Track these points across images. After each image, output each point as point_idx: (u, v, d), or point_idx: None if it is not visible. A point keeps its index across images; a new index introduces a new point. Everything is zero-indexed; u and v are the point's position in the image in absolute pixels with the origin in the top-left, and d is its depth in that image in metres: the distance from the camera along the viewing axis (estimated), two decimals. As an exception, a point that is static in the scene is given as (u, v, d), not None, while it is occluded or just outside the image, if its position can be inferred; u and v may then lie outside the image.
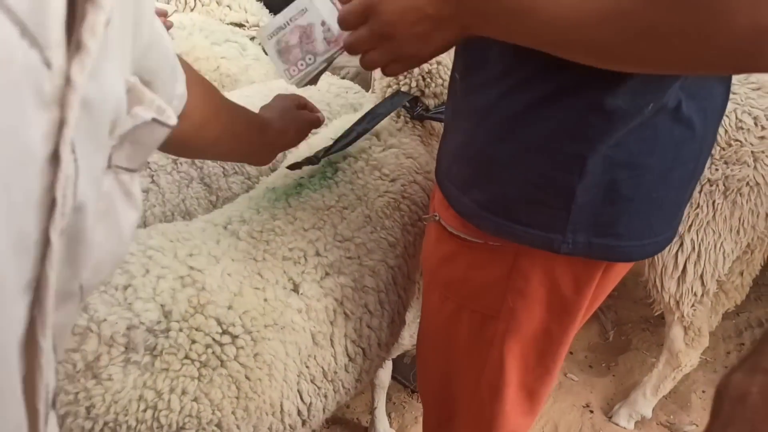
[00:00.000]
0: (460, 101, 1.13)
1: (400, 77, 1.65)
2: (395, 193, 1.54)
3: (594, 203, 0.99)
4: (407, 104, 1.65)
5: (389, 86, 1.68)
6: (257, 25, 2.58)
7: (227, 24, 2.51)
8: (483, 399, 1.29)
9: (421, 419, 2.30)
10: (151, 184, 1.54)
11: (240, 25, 2.56)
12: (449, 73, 1.59)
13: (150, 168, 1.54)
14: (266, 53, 1.18)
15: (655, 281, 1.98)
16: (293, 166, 1.46)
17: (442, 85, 1.63)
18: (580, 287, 1.11)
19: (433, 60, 1.61)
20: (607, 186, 0.98)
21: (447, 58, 1.61)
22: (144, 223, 1.50)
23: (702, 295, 1.92)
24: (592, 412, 2.45)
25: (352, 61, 2.19)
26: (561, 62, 0.87)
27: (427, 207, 1.63)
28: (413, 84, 1.64)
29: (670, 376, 2.20)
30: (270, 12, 2.63)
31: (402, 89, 1.65)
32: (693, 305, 1.95)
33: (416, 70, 1.63)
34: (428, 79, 1.63)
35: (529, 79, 0.95)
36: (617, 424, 2.35)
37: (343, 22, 0.97)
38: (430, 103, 1.65)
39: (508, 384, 1.24)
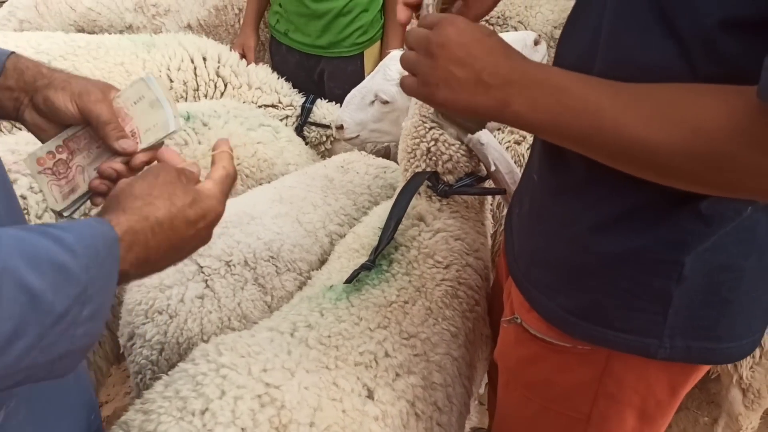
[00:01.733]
0: (537, 204, 1.09)
1: (410, 161, 1.65)
2: (452, 281, 1.51)
3: (692, 307, 0.95)
4: (430, 184, 1.64)
5: (406, 170, 1.68)
6: (291, 105, 2.59)
7: (259, 106, 2.52)
8: None
9: None
10: (206, 289, 1.49)
11: (273, 106, 2.57)
12: (452, 147, 1.59)
13: (203, 273, 1.51)
14: None
15: None
16: (351, 278, 1.42)
17: (450, 160, 1.61)
18: (675, 391, 1.07)
19: (430, 138, 1.60)
20: (705, 289, 0.94)
21: (445, 135, 1.60)
22: (201, 331, 1.45)
23: (760, 357, 1.88)
24: None
25: (383, 137, 2.19)
26: None
27: (482, 288, 1.60)
28: (423, 165, 1.63)
29: None
30: (300, 92, 2.65)
31: (417, 172, 1.64)
32: (751, 367, 1.91)
33: (418, 152, 1.62)
34: (434, 158, 1.62)
35: (617, 188, 0.91)
36: None
37: (414, 32, 0.90)
38: (449, 179, 1.64)
39: None
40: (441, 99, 0.87)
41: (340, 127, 2.17)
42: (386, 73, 2.05)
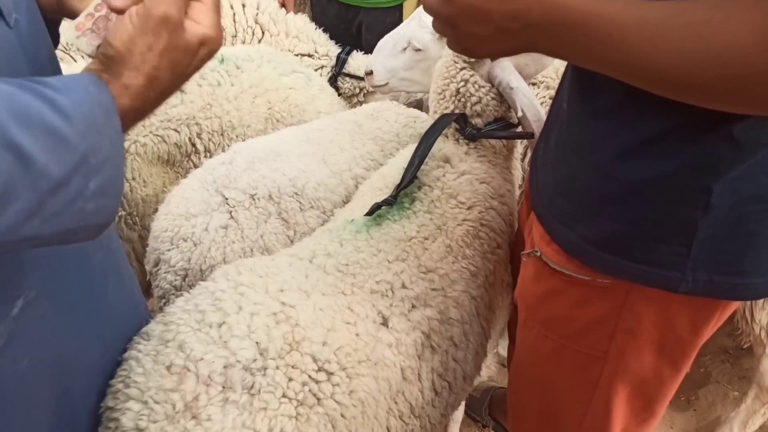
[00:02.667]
0: (565, 132, 1.07)
1: (439, 102, 1.65)
2: (473, 221, 1.51)
3: (717, 239, 0.93)
4: (458, 126, 1.63)
5: (435, 112, 1.68)
6: (327, 55, 2.59)
7: (295, 55, 2.53)
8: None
9: (492, 455, 2.24)
10: (230, 220, 1.52)
11: (309, 56, 2.58)
12: (482, 89, 1.58)
13: (228, 204, 1.53)
14: None
15: (744, 312, 1.88)
16: (372, 211, 1.43)
17: (479, 103, 1.60)
18: (697, 327, 1.05)
19: (460, 79, 1.60)
20: (732, 220, 0.92)
21: (476, 76, 1.59)
22: (224, 260, 1.48)
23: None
24: None
25: (413, 87, 2.18)
26: None
27: (505, 233, 1.59)
28: (451, 106, 1.63)
29: (760, 412, 2.08)
30: (337, 43, 2.65)
31: (444, 113, 1.64)
32: (785, 337, 1.87)
33: (447, 93, 1.62)
34: (462, 99, 1.61)
35: (648, 111, 0.89)
36: None
37: (426, 8, 0.93)
38: (477, 122, 1.63)
39: (613, 428, 1.18)
40: (481, 54, 0.95)
41: (370, 73, 2.16)
42: (421, 20, 2.04)
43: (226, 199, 1.55)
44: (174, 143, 1.93)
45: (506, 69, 1.55)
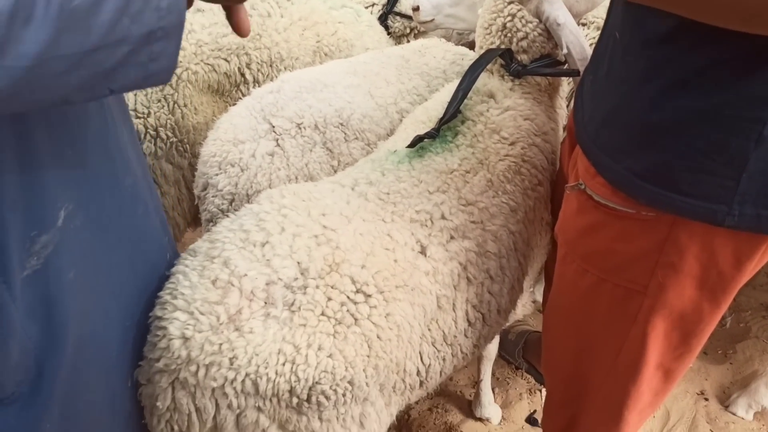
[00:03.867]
0: (617, 62, 1.06)
1: (485, 37, 1.63)
2: (515, 157, 1.51)
3: (767, 172, 0.92)
4: (503, 63, 1.62)
5: (480, 47, 1.67)
6: None
7: None
8: (618, 377, 1.24)
9: (525, 396, 2.29)
10: (276, 147, 1.56)
11: None
12: (528, 24, 1.56)
13: (275, 132, 1.57)
14: None
15: None
16: (415, 143, 1.45)
17: (525, 38, 1.59)
18: (740, 262, 1.04)
19: (507, 14, 1.57)
20: None
21: (524, 11, 1.57)
22: (269, 186, 1.53)
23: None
24: (707, 399, 2.35)
25: (458, 24, 2.15)
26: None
27: (546, 170, 1.59)
28: (497, 41, 1.62)
29: None
30: None
31: (490, 48, 1.62)
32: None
33: (494, 28, 1.60)
34: (509, 35, 1.59)
35: (703, 40, 0.88)
36: (734, 414, 2.25)
37: None
38: (523, 58, 1.62)
39: (648, 363, 1.19)
40: None
41: (416, 9, 2.14)
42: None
43: (273, 126, 1.58)
44: (224, 72, 1.96)
45: (555, 4, 1.52)
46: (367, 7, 2.53)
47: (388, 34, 2.54)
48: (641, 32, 0.98)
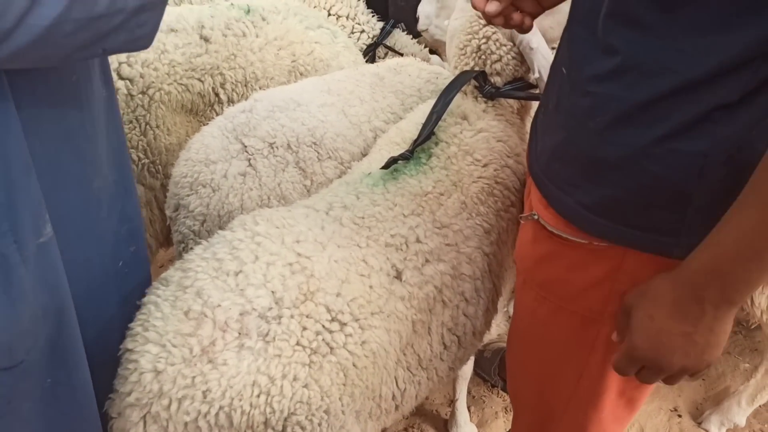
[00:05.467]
0: (565, 97, 1.07)
1: (460, 58, 1.65)
2: (489, 179, 1.52)
3: (712, 205, 0.92)
4: (477, 84, 1.63)
5: (455, 68, 1.68)
6: (368, 23, 2.59)
7: (334, 16, 2.54)
8: (580, 404, 1.24)
9: (501, 414, 2.29)
10: (248, 167, 1.55)
11: (348, 18, 2.58)
12: (503, 47, 1.58)
13: (247, 152, 1.56)
14: None
15: None
16: (389, 164, 1.45)
17: (499, 61, 1.60)
18: None
19: (482, 36, 1.59)
20: (727, 188, 0.91)
21: (498, 33, 1.59)
22: (241, 206, 1.51)
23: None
24: (680, 416, 2.37)
25: (444, 36, 2.18)
26: (683, 56, 0.84)
27: (519, 191, 1.60)
28: (471, 63, 1.63)
29: None
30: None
31: (465, 70, 1.64)
32: (794, 317, 1.86)
33: (469, 49, 1.62)
34: (483, 56, 1.61)
35: (647, 74, 0.90)
36: (707, 431, 2.27)
37: (619, 372, 1.02)
38: (497, 80, 1.63)
39: (609, 390, 1.19)
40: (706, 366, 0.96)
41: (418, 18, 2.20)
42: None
43: (245, 146, 1.57)
44: (198, 92, 1.94)
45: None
46: (353, 33, 2.54)
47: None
48: (587, 68, 1.00)
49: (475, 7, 1.13)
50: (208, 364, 1.07)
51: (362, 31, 2.56)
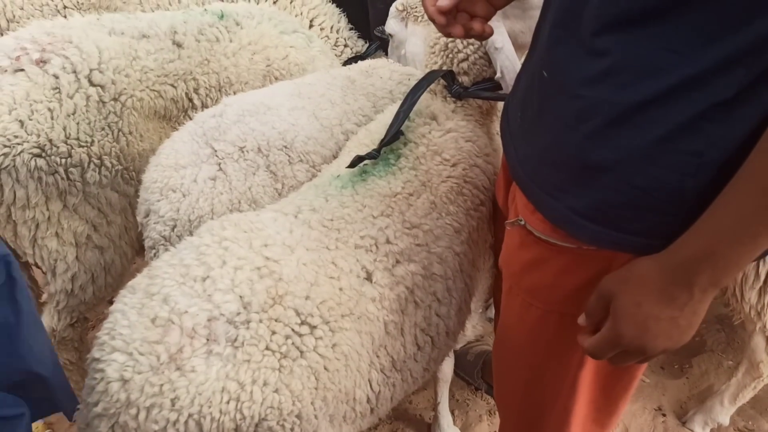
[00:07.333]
0: (549, 101, 1.06)
1: (430, 57, 1.66)
2: (458, 178, 1.52)
3: (704, 207, 0.91)
4: (445, 84, 1.63)
5: (426, 67, 1.69)
6: (351, 38, 2.60)
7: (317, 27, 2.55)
8: (566, 406, 1.24)
9: (485, 417, 2.28)
10: (219, 171, 1.54)
11: (332, 30, 2.60)
12: (470, 46, 1.59)
13: (217, 156, 1.55)
14: None
15: (734, 290, 1.88)
16: (355, 163, 1.44)
17: (466, 60, 1.61)
18: None
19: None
20: (719, 188, 0.89)
21: None
22: (212, 211, 1.50)
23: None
24: (664, 415, 2.36)
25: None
26: (678, 55, 0.83)
27: (489, 190, 1.60)
28: (439, 61, 1.64)
29: (750, 386, 2.11)
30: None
31: (433, 69, 1.64)
32: (776, 315, 1.87)
33: (437, 47, 1.63)
34: (450, 55, 1.62)
35: (640, 75, 0.89)
36: (692, 430, 2.28)
37: (595, 357, 1.03)
38: (464, 80, 1.63)
39: (597, 390, 1.21)
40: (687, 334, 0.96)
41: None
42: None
43: (216, 150, 1.56)
44: (171, 98, 1.92)
45: (497, 30, 1.54)
46: (336, 47, 2.54)
47: None
48: (574, 71, 0.98)
49: (431, 19, 1.13)
50: (176, 371, 1.06)
51: (346, 45, 2.57)
